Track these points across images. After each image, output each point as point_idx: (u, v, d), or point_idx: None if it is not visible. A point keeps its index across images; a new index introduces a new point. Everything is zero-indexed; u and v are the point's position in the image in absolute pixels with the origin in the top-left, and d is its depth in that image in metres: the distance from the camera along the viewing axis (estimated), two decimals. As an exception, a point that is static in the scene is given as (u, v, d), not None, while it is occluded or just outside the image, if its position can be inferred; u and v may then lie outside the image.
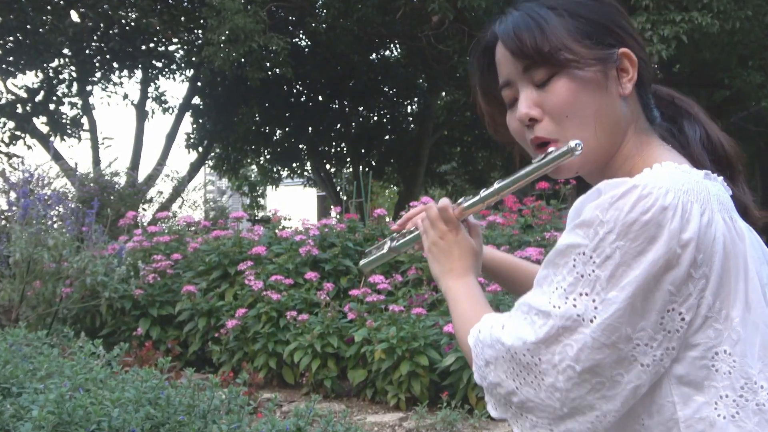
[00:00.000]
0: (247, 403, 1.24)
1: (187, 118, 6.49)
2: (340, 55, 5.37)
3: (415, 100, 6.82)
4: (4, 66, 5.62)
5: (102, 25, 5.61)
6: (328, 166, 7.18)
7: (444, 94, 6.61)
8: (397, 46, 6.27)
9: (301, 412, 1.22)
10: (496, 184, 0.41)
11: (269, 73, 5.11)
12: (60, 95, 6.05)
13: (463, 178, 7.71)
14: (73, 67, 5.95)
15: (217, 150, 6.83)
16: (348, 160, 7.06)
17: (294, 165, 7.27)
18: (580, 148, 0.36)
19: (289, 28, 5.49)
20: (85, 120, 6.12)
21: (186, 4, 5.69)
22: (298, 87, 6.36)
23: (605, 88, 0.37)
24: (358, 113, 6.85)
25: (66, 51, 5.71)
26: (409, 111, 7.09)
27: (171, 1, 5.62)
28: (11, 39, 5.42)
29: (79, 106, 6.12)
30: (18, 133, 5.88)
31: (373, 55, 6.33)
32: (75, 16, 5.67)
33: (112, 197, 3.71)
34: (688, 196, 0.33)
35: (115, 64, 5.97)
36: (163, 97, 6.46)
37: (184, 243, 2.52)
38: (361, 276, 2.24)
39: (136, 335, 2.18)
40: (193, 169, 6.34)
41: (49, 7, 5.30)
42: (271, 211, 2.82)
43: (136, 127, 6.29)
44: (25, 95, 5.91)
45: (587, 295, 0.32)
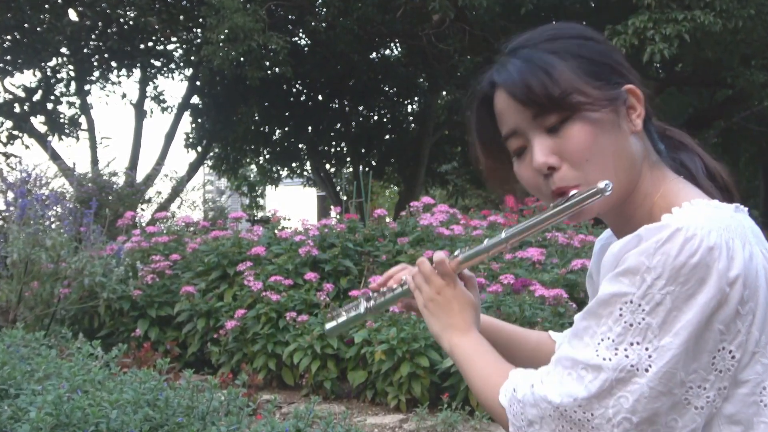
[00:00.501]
0: (247, 404, 1.23)
1: (186, 118, 6.51)
2: (340, 54, 5.35)
3: (416, 99, 6.83)
4: (1, 65, 5.60)
5: (100, 23, 5.58)
6: (327, 166, 7.18)
7: (444, 93, 6.61)
8: (398, 45, 6.27)
9: (301, 413, 1.22)
10: (504, 233, 0.39)
11: (269, 72, 5.08)
12: (58, 94, 6.03)
13: (463, 177, 7.71)
14: (71, 66, 5.93)
15: (216, 150, 6.82)
16: (348, 159, 7.06)
17: (293, 165, 7.27)
18: (610, 188, 0.35)
19: (289, 27, 5.47)
20: (83, 119, 6.13)
21: (185, 2, 5.67)
22: (297, 86, 6.35)
23: (618, 127, 0.37)
24: (358, 113, 6.84)
25: (64, 50, 5.68)
26: (409, 110, 7.09)
27: (170, -1, 5.60)
28: (9, 38, 5.40)
29: (77, 105, 6.11)
30: (15, 132, 5.86)
31: (374, 54, 6.33)
32: (73, 15, 5.65)
33: (111, 197, 3.70)
34: (729, 233, 0.33)
35: (114, 63, 5.95)
36: (161, 97, 6.46)
37: (182, 243, 2.51)
38: (361, 277, 2.23)
39: (135, 336, 2.16)
40: (192, 168, 6.33)
41: (47, 5, 5.27)
42: (271, 211, 2.74)
43: (134, 127, 6.28)
44: (22, 94, 5.89)
45: (639, 344, 0.32)
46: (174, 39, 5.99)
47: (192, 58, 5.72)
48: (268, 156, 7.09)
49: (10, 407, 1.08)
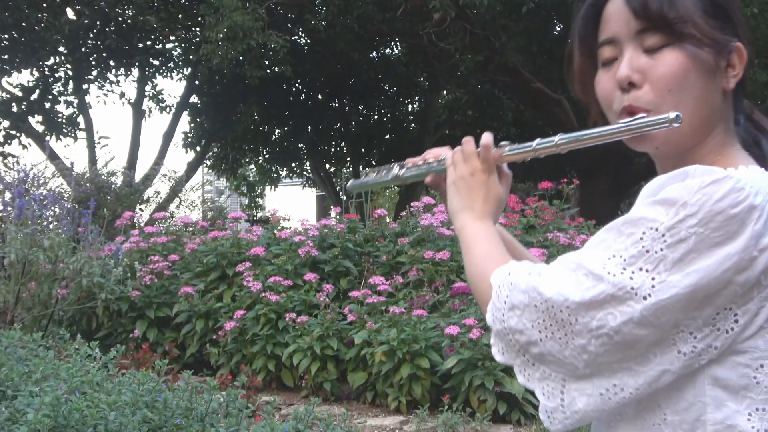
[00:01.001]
0: (246, 406, 1.23)
1: (185, 117, 6.48)
2: (340, 53, 5.34)
3: (416, 98, 6.81)
4: (-1, 64, 5.58)
5: (98, 22, 5.54)
6: (327, 166, 7.17)
7: (445, 92, 6.59)
8: (398, 43, 6.24)
9: (301, 415, 1.22)
10: (557, 137, 0.38)
11: (268, 71, 5.03)
12: (56, 94, 5.99)
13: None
14: (68, 66, 5.89)
15: (215, 149, 6.80)
16: (348, 159, 7.05)
17: (293, 164, 7.26)
18: (680, 121, 0.34)
19: (288, 26, 5.47)
20: (81, 119, 6.07)
21: (183, 1, 5.65)
22: (297, 85, 6.33)
23: (712, 76, 0.36)
24: (358, 112, 6.82)
25: (62, 49, 5.65)
26: (409, 110, 7.06)
27: (168, -2, 5.57)
28: (6, 37, 5.38)
29: (75, 104, 6.07)
30: (13, 132, 5.82)
31: (374, 53, 6.30)
32: (71, 14, 5.61)
33: (109, 197, 3.69)
34: None
35: (112, 63, 5.91)
36: (160, 96, 6.40)
37: (181, 244, 2.51)
38: (361, 277, 2.22)
39: (133, 337, 2.16)
40: (191, 168, 6.30)
41: (44, 4, 5.25)
42: (270, 211, 2.74)
43: (132, 126, 6.24)
44: (20, 94, 5.86)
45: (647, 271, 0.31)
46: (173, 38, 5.96)
47: (191, 57, 5.69)
48: (267, 156, 7.08)
49: (7, 409, 1.08)
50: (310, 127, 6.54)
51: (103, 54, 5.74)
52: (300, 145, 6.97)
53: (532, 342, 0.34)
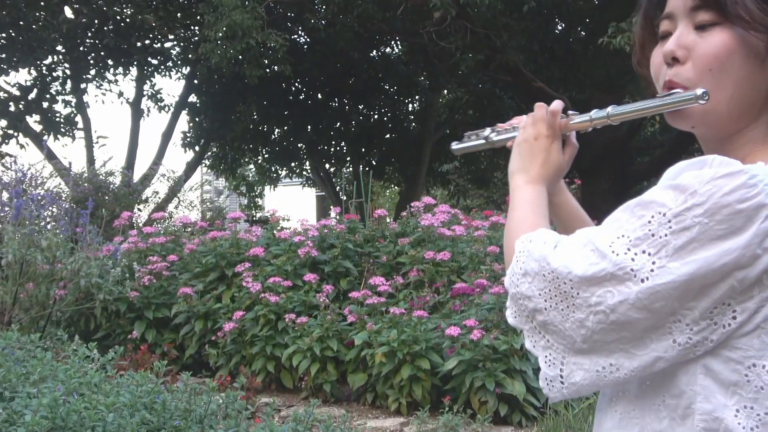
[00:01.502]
0: (245, 407, 1.23)
1: (184, 117, 6.46)
2: (340, 52, 5.31)
3: (417, 98, 6.76)
4: (-4, 63, 5.55)
5: (96, 21, 5.52)
6: (327, 166, 7.13)
7: (446, 92, 6.55)
8: (398, 42, 6.22)
9: (300, 416, 1.22)
10: (610, 108, 0.40)
11: (267, 70, 5.03)
12: (53, 93, 5.96)
13: (465, 177, 7.68)
14: (66, 65, 5.86)
15: (214, 149, 6.78)
16: (348, 159, 7.01)
17: (293, 164, 7.22)
18: (706, 98, 0.34)
19: (288, 25, 5.44)
20: (79, 118, 6.04)
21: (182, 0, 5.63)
22: (296, 85, 6.30)
23: (761, 63, 0.35)
24: (358, 111, 6.79)
25: (60, 48, 5.63)
26: (410, 109, 7.02)
27: (167, -3, 5.55)
28: (3, 36, 5.35)
29: (73, 104, 6.04)
30: (11, 131, 5.79)
31: (374, 52, 6.26)
32: (69, 13, 5.59)
33: (107, 197, 3.67)
34: None
35: (110, 62, 5.88)
36: (158, 95, 6.38)
37: (180, 244, 2.50)
38: (361, 278, 2.22)
39: (132, 338, 2.15)
40: (190, 168, 6.27)
41: (42, 2, 5.22)
42: (270, 211, 2.73)
43: (131, 126, 6.22)
44: (17, 93, 5.82)
45: (650, 255, 0.31)
46: (171, 37, 5.93)
47: (189, 56, 5.66)
48: (266, 155, 7.05)
49: (5, 410, 1.07)
50: (309, 127, 6.52)
51: (102, 53, 5.72)
52: (299, 145, 6.94)
53: (537, 309, 0.34)
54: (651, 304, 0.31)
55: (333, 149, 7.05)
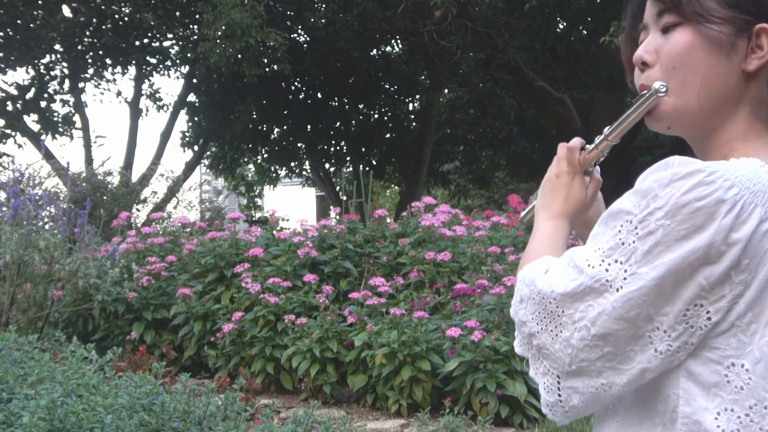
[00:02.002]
0: (244, 409, 1.21)
1: (183, 116, 6.48)
2: (340, 51, 5.30)
3: (417, 97, 6.75)
4: (-6, 62, 5.52)
5: (95, 20, 5.51)
6: (327, 166, 7.13)
7: (447, 91, 6.55)
8: (399, 41, 6.20)
9: (300, 418, 1.21)
10: (605, 130, 0.41)
11: (267, 69, 5.01)
12: (51, 92, 5.94)
13: (466, 177, 7.69)
14: (64, 64, 5.85)
15: (213, 149, 6.78)
16: (348, 159, 7.01)
17: (292, 164, 7.23)
18: (664, 90, 0.35)
19: (288, 24, 5.42)
20: (77, 118, 6.03)
21: (181, -2, 5.61)
22: (296, 84, 6.29)
23: (726, 55, 0.35)
24: (358, 111, 6.78)
25: (57, 47, 5.61)
26: (410, 108, 7.02)
27: (165, -5, 5.52)
28: (1, 34, 5.32)
29: (71, 103, 6.02)
30: (8, 131, 5.77)
31: (374, 51, 6.26)
32: (67, 11, 5.57)
33: (105, 197, 3.65)
34: (755, 197, 0.31)
35: (108, 61, 5.87)
36: (157, 95, 6.38)
37: (179, 244, 2.49)
38: (361, 278, 2.21)
39: (130, 339, 2.14)
40: (189, 168, 6.27)
41: (40, 1, 5.20)
42: (269, 211, 2.73)
43: (129, 125, 6.21)
44: (15, 92, 5.79)
45: (621, 263, 0.32)
46: (170, 36, 5.91)
47: (188, 55, 5.64)
48: (266, 155, 7.04)
49: (2, 412, 1.06)
50: (309, 126, 6.52)
51: (100, 52, 5.71)
52: (299, 145, 6.93)
53: (532, 334, 0.35)
54: (627, 312, 0.31)
55: (333, 149, 7.05)
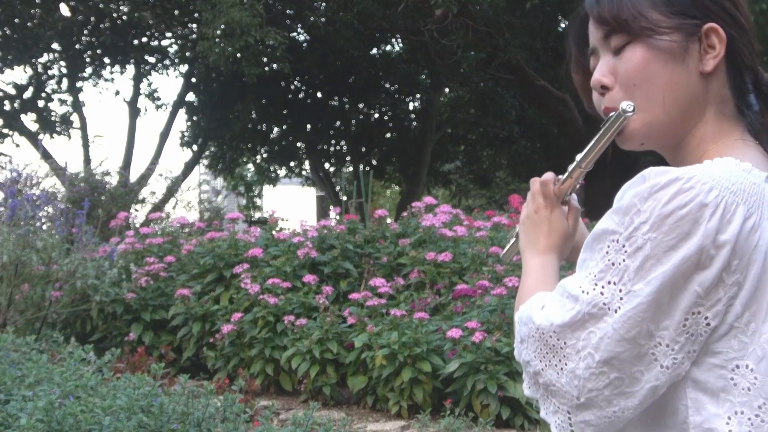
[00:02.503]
0: (244, 410, 1.20)
1: (181, 116, 6.60)
2: (340, 50, 5.28)
3: (418, 96, 6.74)
4: (-9, 61, 5.50)
5: (93, 18, 5.50)
6: (327, 165, 7.13)
7: (447, 90, 6.54)
8: (399, 40, 6.18)
9: (300, 420, 1.20)
10: (577, 157, 0.41)
11: (266, 68, 5.02)
12: (49, 92, 5.94)
13: (467, 177, 7.68)
14: (62, 63, 5.84)
15: (212, 148, 6.78)
16: (348, 158, 7.01)
17: (292, 164, 7.22)
18: (631, 109, 0.36)
19: (287, 22, 5.42)
20: (75, 117, 6.04)
21: (179, -3, 5.59)
22: (296, 83, 6.28)
23: (681, 61, 0.36)
24: (359, 110, 6.77)
25: (55, 46, 5.60)
26: (411, 108, 7.01)
27: (164, -6, 5.50)
28: (-1, 33, 5.33)
29: (68, 102, 6.02)
30: (5, 130, 5.77)
31: (374, 50, 6.24)
32: (65, 10, 5.57)
33: (103, 197, 3.63)
34: (735, 196, 0.32)
35: (107, 60, 5.85)
36: (156, 94, 6.40)
37: (177, 245, 2.47)
38: (361, 279, 2.20)
39: (128, 340, 2.12)
40: (188, 168, 6.26)
41: (37, 0, 5.17)
42: (268, 211, 2.71)
43: (128, 125, 6.21)
44: (13, 91, 5.79)
45: (615, 284, 0.32)
46: (169, 34, 5.91)
47: (187, 54, 5.65)
48: (265, 155, 7.04)
49: (0, 414, 1.04)
50: (309, 126, 6.50)
51: (98, 51, 5.70)
52: (299, 144, 6.92)
53: (537, 372, 0.35)
54: (628, 332, 0.31)
55: (333, 148, 7.04)
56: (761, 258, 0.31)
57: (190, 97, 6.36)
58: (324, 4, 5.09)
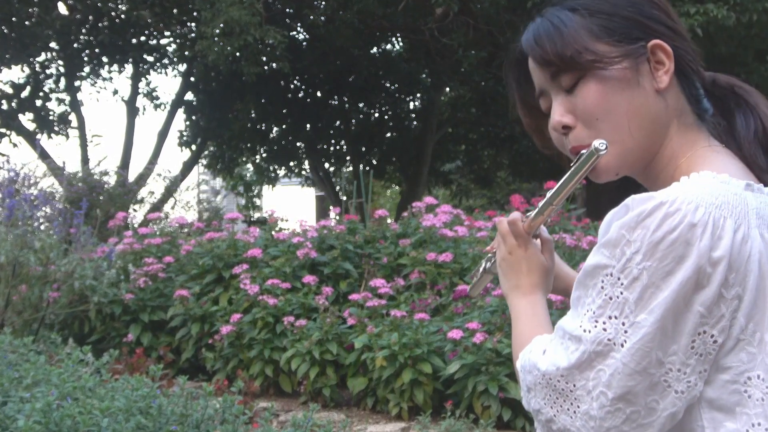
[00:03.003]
0: (243, 412, 1.19)
1: (180, 115, 6.44)
2: (340, 48, 5.26)
3: (418, 96, 6.71)
4: (-11, 60, 5.47)
5: (91, 17, 5.47)
6: (327, 165, 7.10)
7: (448, 89, 6.49)
8: (400, 39, 6.16)
9: (299, 422, 1.20)
10: (548, 194, 0.41)
11: (265, 67, 4.98)
12: (47, 91, 5.90)
13: (468, 177, 7.68)
14: (60, 62, 5.80)
15: (211, 148, 6.77)
16: (348, 158, 6.98)
17: (291, 164, 7.20)
18: (604, 147, 0.36)
19: (287, 21, 5.39)
20: (73, 117, 6.00)
21: (178, -5, 5.56)
22: (295, 82, 6.25)
23: (637, 85, 0.36)
24: (359, 110, 6.74)
25: (53, 45, 5.57)
26: (411, 107, 6.98)
27: (163, -8, 5.47)
28: (-4, 32, 5.30)
29: (66, 102, 5.99)
30: (3, 130, 5.73)
31: (375, 48, 6.21)
32: (63, 8, 5.54)
33: (102, 197, 3.64)
34: (721, 210, 0.32)
35: (105, 59, 5.83)
36: (154, 93, 6.35)
37: (176, 245, 2.46)
38: (361, 280, 2.19)
39: (127, 342, 2.12)
40: (186, 168, 6.23)
41: (35, -2, 5.18)
42: (268, 211, 2.57)
43: (126, 124, 6.18)
44: (10, 91, 5.76)
45: (616, 318, 0.32)
46: (167, 33, 5.87)
47: (186, 53, 5.58)
48: (264, 155, 7.02)
49: (-4, 416, 1.03)
50: (308, 125, 6.48)
51: (96, 50, 5.67)
52: (298, 144, 6.90)
53: (549, 419, 0.34)
54: (638, 365, 0.31)
55: (332, 148, 7.02)
56: (756, 267, 0.31)
57: (189, 96, 6.33)
58: (324, 3, 5.08)
